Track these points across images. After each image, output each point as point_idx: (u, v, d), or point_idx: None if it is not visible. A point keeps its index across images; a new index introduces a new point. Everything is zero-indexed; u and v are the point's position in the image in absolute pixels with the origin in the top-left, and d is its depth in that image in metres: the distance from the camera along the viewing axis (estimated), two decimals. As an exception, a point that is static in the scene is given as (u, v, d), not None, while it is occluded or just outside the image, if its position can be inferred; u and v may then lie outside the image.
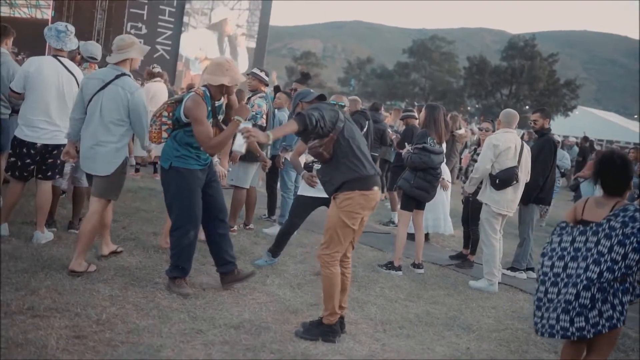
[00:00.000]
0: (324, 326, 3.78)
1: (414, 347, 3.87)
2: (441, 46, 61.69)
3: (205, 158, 4.34)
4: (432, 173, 5.75)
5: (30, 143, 4.87)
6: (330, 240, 3.73)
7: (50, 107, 4.89)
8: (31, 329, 3.28)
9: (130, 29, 18.86)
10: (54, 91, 4.88)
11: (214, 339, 3.54)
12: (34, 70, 4.81)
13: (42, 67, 4.84)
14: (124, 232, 5.76)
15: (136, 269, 4.64)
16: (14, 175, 4.97)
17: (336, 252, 3.74)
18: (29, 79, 4.82)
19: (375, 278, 5.40)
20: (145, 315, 3.76)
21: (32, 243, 4.91)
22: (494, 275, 5.63)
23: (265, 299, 4.40)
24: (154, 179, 9.34)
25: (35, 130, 4.86)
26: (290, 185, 6.94)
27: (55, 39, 4.93)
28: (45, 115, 4.87)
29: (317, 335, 3.75)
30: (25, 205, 5.92)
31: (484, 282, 5.65)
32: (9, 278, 4.00)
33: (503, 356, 3.96)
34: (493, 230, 5.71)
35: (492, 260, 5.64)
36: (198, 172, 4.28)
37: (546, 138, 6.49)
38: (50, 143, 4.94)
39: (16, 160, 4.90)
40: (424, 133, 5.76)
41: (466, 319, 4.62)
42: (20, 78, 4.84)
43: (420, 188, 5.70)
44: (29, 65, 4.87)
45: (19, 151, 4.89)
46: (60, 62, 4.96)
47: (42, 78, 4.82)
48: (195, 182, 4.27)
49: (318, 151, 3.75)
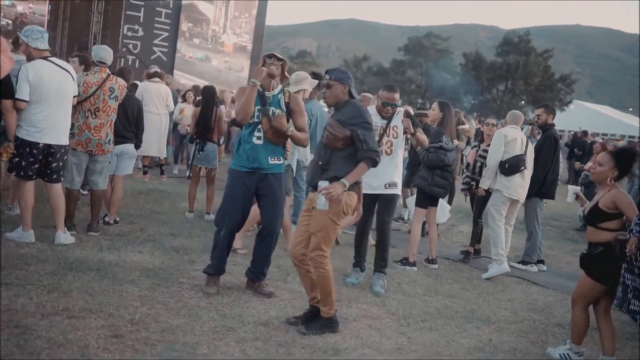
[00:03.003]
0: (324, 320, 3.84)
1: (438, 339, 3.97)
2: (437, 43, 61.89)
3: (245, 161, 4.30)
4: (449, 170, 5.92)
5: (34, 143, 4.91)
6: (323, 242, 3.76)
7: (53, 109, 4.95)
8: (70, 330, 3.36)
9: (127, 32, 18.80)
10: (55, 93, 4.94)
11: (245, 336, 3.62)
12: (33, 76, 4.80)
13: (42, 73, 4.85)
14: (142, 234, 5.84)
15: (160, 270, 4.72)
16: (19, 175, 5.01)
17: (327, 251, 3.81)
18: (32, 85, 4.81)
19: (392, 274, 5.49)
20: (176, 314, 3.84)
21: (56, 245, 4.99)
22: (501, 255, 5.90)
23: (288, 296, 4.50)
24: (161, 181, 9.43)
25: (38, 130, 4.91)
26: (302, 185, 7.00)
27: (42, 41, 4.96)
28: (48, 116, 4.93)
29: (320, 329, 3.80)
30: (42, 210, 5.98)
31: (494, 267, 5.85)
32: (39, 280, 4.08)
33: (524, 347, 4.06)
34: (499, 215, 6.06)
35: (498, 241, 5.93)
36: (243, 176, 4.31)
37: (547, 134, 6.66)
38: (53, 143, 5.00)
39: (20, 160, 4.94)
40: (439, 132, 5.88)
41: (484, 312, 4.72)
42: (24, 86, 4.78)
43: (438, 185, 5.85)
44: (27, 72, 4.80)
45: (22, 151, 4.92)
46: (53, 63, 5.00)
47: (44, 83, 4.85)
48: (237, 184, 4.32)
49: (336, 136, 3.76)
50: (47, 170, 5.08)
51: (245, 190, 4.33)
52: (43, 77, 4.86)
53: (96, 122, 5.47)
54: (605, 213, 3.69)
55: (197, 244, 5.69)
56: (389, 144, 5.16)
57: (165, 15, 19.85)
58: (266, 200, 4.39)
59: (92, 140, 5.46)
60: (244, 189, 4.32)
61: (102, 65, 5.60)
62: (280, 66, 4.33)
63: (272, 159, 4.33)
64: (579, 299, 3.83)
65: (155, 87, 9.21)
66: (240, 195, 4.33)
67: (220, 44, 18.48)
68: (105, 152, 5.60)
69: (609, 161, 3.76)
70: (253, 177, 4.31)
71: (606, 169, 3.77)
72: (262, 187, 4.34)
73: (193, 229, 6.36)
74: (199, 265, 4.98)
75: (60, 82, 4.98)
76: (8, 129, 4.81)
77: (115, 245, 5.29)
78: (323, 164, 3.82)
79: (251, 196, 4.41)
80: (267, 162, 4.30)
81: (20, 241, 4.93)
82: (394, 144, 5.18)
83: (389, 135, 5.18)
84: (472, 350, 3.85)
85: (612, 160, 3.75)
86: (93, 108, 5.45)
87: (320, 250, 3.76)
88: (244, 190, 4.33)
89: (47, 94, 4.88)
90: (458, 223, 8.78)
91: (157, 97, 9.17)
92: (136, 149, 6.28)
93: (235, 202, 4.34)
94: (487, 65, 52.71)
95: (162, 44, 19.92)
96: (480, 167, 6.66)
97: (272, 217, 4.40)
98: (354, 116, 3.81)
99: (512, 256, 6.46)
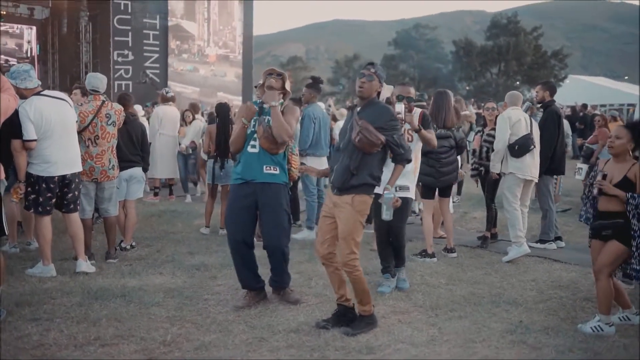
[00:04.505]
0: (365, 317, 3.89)
1: (469, 326, 3.97)
2: (425, 34, 61.91)
3: (239, 172, 4.30)
4: (434, 157, 5.75)
5: (49, 177, 4.94)
6: (353, 244, 3.78)
7: (61, 141, 4.97)
8: (105, 358, 3.38)
9: (117, 57, 18.90)
10: (59, 126, 4.96)
11: (278, 345, 3.63)
12: (34, 114, 4.80)
13: (41, 109, 4.85)
14: (161, 256, 5.86)
15: (184, 289, 4.73)
16: (37, 212, 5.03)
17: (358, 253, 3.82)
18: (35, 123, 4.80)
19: (413, 267, 5.50)
20: (206, 330, 3.86)
21: (78, 276, 5.02)
22: (520, 237, 5.90)
23: (314, 300, 4.50)
24: (170, 201, 9.45)
25: (51, 164, 4.94)
26: (312, 189, 7.03)
27: (29, 80, 4.94)
28: (57, 149, 4.95)
29: (365, 326, 3.85)
30: (58, 243, 6.01)
31: (513, 249, 5.85)
32: (67, 312, 4.10)
33: (555, 324, 4.06)
34: (514, 197, 6.04)
35: (516, 223, 5.94)
36: (238, 188, 4.31)
37: (549, 110, 6.67)
38: (67, 173, 5.03)
39: (37, 197, 4.96)
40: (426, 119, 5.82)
41: (510, 295, 4.72)
42: (28, 126, 4.77)
43: (425, 174, 5.73)
44: (26, 112, 4.77)
45: (39, 187, 4.94)
46: (48, 97, 5.01)
47: (45, 118, 4.85)
48: (234, 198, 4.34)
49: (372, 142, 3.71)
50: (63, 201, 5.11)
51: (242, 203, 4.26)
52: (43, 112, 4.87)
53: (97, 150, 5.50)
54: (632, 183, 3.78)
55: (216, 259, 5.70)
56: None
57: (153, 37, 19.97)
58: (262, 214, 4.30)
59: (95, 168, 5.48)
60: (240, 202, 4.27)
61: (95, 94, 5.61)
62: (280, 79, 4.32)
63: (267, 167, 4.25)
64: (604, 268, 3.86)
65: (170, 110, 9.55)
66: (237, 209, 4.29)
67: (205, 56, 20.30)
68: (110, 178, 5.62)
69: (627, 134, 3.87)
70: (248, 188, 4.25)
71: (625, 141, 3.87)
72: (259, 199, 4.25)
73: (210, 245, 6.37)
74: (220, 280, 5.00)
75: (60, 113, 5.00)
76: (18, 169, 4.82)
77: (136, 270, 5.31)
78: (353, 169, 3.75)
79: (250, 208, 4.28)
80: (261, 171, 4.24)
81: (42, 276, 4.96)
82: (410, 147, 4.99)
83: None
84: (505, 333, 3.85)
85: (629, 133, 3.87)
86: (92, 136, 5.47)
87: (352, 254, 3.78)
88: (240, 203, 4.27)
89: (52, 128, 4.90)
90: (471, 210, 8.77)
91: (172, 120, 9.51)
92: (144, 172, 6.30)
93: (232, 217, 4.32)
94: (478, 50, 52.69)
95: (153, 65, 20.04)
96: (487, 152, 6.66)
97: (270, 232, 4.30)
98: (388, 120, 3.81)
99: (529, 236, 6.45)
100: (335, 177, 3.83)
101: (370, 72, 3.85)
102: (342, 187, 3.79)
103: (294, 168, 4.50)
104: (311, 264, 5.52)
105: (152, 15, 19.03)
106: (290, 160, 4.46)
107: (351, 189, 3.76)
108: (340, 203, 3.79)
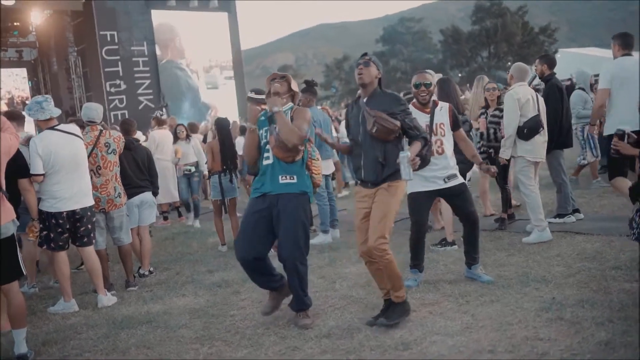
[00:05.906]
0: (399, 305, 3.87)
1: (502, 309, 3.90)
2: (411, 27, 61.99)
3: (257, 185, 4.16)
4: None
5: (58, 213, 4.90)
6: (386, 229, 3.78)
7: (70, 176, 4.93)
8: (140, 386, 3.33)
9: (109, 88, 18.95)
10: (69, 161, 4.92)
11: (312, 352, 3.57)
12: (43, 150, 4.77)
13: (50, 144, 4.82)
14: (180, 278, 5.81)
15: (208, 308, 4.68)
16: (50, 248, 5.00)
17: (388, 237, 3.82)
18: (44, 158, 4.78)
19: (435, 257, 5.43)
20: (237, 346, 3.80)
21: (100, 309, 4.96)
22: (542, 221, 5.74)
23: (342, 302, 4.44)
24: (182, 223, 9.41)
25: (59, 200, 4.90)
26: (322, 192, 6.97)
27: (41, 112, 4.90)
28: (66, 185, 4.91)
29: (400, 315, 3.84)
30: (76, 278, 5.97)
31: (535, 233, 5.72)
32: (95, 346, 4.05)
33: (589, 296, 3.97)
34: (529, 179, 5.87)
35: (536, 207, 5.78)
36: (254, 202, 4.15)
37: (550, 84, 6.58)
38: (76, 208, 4.98)
39: (48, 233, 4.93)
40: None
41: (538, 273, 4.64)
42: (36, 161, 4.76)
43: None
44: (35, 147, 4.76)
45: (49, 224, 4.91)
46: (59, 131, 4.96)
47: (54, 154, 4.82)
48: (248, 212, 4.16)
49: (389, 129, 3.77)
50: (77, 235, 5.06)
51: (256, 217, 4.07)
52: (53, 148, 4.83)
53: (101, 180, 5.46)
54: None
55: (236, 274, 5.63)
56: (438, 142, 4.72)
57: (143, 64, 20.01)
58: (278, 228, 4.04)
59: (101, 198, 5.44)
60: (254, 217, 4.08)
61: (92, 124, 5.58)
62: (284, 82, 4.22)
63: (283, 177, 4.06)
64: None
65: (167, 134, 9.38)
66: (251, 223, 4.09)
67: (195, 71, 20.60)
68: (118, 206, 5.57)
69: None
70: (264, 202, 4.07)
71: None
72: (275, 213, 4.04)
73: (228, 261, 6.31)
74: (244, 294, 4.94)
75: (71, 148, 4.96)
76: (30, 207, 4.78)
77: (158, 295, 5.26)
78: (382, 160, 3.84)
79: (265, 222, 4.05)
80: (277, 182, 4.06)
81: (65, 312, 4.92)
82: (443, 142, 4.73)
83: (436, 134, 4.73)
84: (540, 312, 3.77)
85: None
86: (94, 167, 5.43)
87: (383, 238, 3.76)
88: (254, 217, 4.08)
89: (61, 163, 4.86)
90: (482, 194, 8.65)
91: (169, 144, 9.33)
92: (154, 196, 6.25)
93: (244, 232, 4.11)
94: (466, 36, 52.81)
95: (146, 92, 20.09)
96: (494, 133, 6.58)
97: (285, 247, 4.00)
98: (397, 105, 3.88)
99: (546, 212, 6.32)
100: (367, 172, 3.91)
101: (366, 59, 3.96)
102: (376, 181, 3.87)
103: (316, 174, 4.28)
104: (332, 267, 5.46)
105: (139, 42, 19.08)
106: (311, 166, 4.25)
107: (386, 179, 3.85)
108: (376, 193, 3.86)
